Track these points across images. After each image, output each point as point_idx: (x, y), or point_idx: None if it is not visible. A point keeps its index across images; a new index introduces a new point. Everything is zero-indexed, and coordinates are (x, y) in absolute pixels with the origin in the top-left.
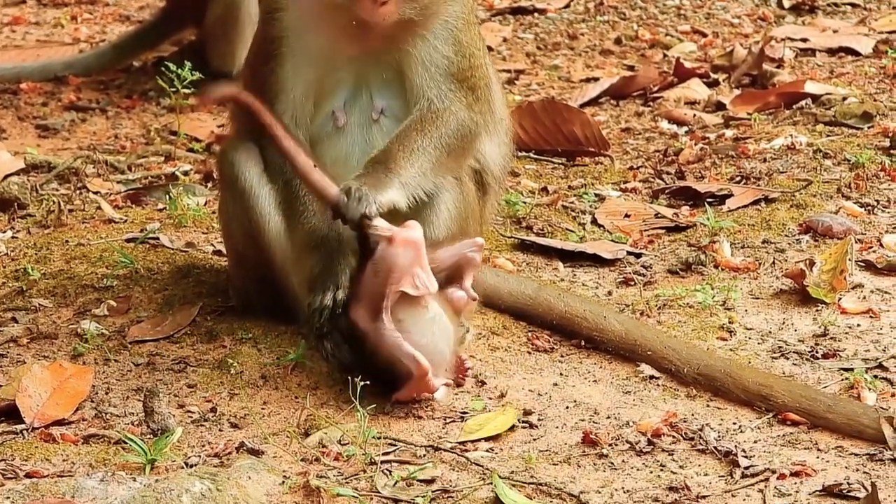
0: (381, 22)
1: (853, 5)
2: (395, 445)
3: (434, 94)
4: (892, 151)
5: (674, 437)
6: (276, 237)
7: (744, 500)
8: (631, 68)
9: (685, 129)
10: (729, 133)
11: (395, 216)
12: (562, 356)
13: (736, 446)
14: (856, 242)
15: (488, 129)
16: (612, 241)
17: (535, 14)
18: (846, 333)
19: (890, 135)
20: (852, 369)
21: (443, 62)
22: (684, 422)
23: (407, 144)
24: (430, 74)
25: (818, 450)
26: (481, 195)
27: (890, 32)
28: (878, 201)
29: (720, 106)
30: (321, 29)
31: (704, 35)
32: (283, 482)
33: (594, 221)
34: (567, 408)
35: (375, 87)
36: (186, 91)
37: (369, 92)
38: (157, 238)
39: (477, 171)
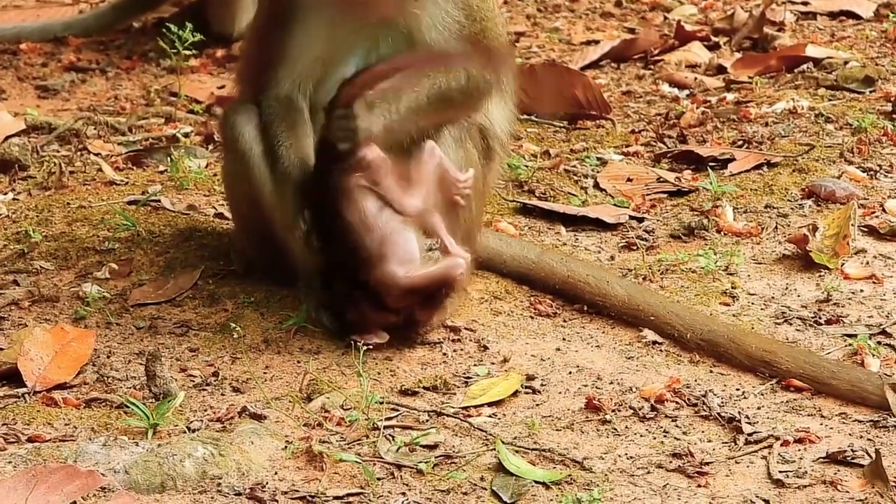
0: None
1: None
2: (398, 410)
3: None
4: (894, 116)
5: (677, 403)
6: (275, 199)
7: (747, 466)
8: (632, 31)
9: (686, 92)
10: (730, 97)
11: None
12: (564, 321)
13: (739, 413)
14: (858, 207)
15: (500, 89)
16: (615, 205)
17: None
18: (849, 299)
19: (892, 99)
20: (856, 335)
21: (454, 26)
22: (687, 388)
23: (415, 85)
24: (442, 38)
25: (822, 416)
26: (486, 161)
27: None
28: (880, 166)
29: (721, 69)
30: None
31: None
32: (286, 447)
33: (596, 185)
34: (570, 373)
35: (386, 54)
36: (187, 52)
37: (380, 58)
38: (159, 201)
39: (483, 134)
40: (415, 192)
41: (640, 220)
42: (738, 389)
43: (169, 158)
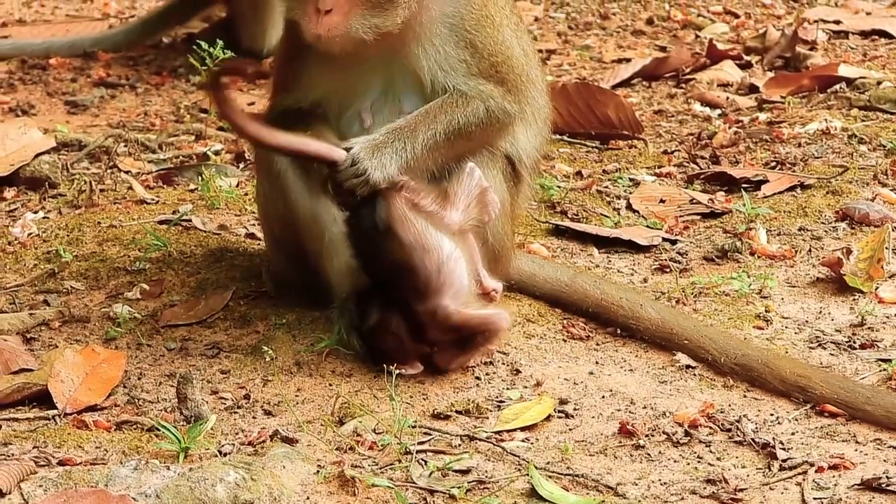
0: (327, 35)
1: None
2: (430, 435)
3: (463, 88)
4: None
5: (711, 428)
6: (310, 223)
7: (782, 493)
8: (663, 49)
9: (718, 111)
10: (763, 117)
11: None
12: (597, 344)
13: (773, 438)
14: (893, 230)
15: (524, 118)
16: (648, 226)
17: None
18: (884, 323)
19: None
20: (890, 360)
21: (460, 66)
22: (721, 413)
23: (431, 123)
24: (450, 77)
25: (856, 442)
26: (513, 185)
27: None
28: None
29: (753, 88)
30: None
31: (737, 16)
32: (318, 472)
33: (629, 206)
34: (603, 397)
35: (402, 89)
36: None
37: (396, 95)
38: (190, 220)
39: (510, 160)
40: (454, 208)
41: (673, 242)
42: (772, 415)
43: (199, 177)
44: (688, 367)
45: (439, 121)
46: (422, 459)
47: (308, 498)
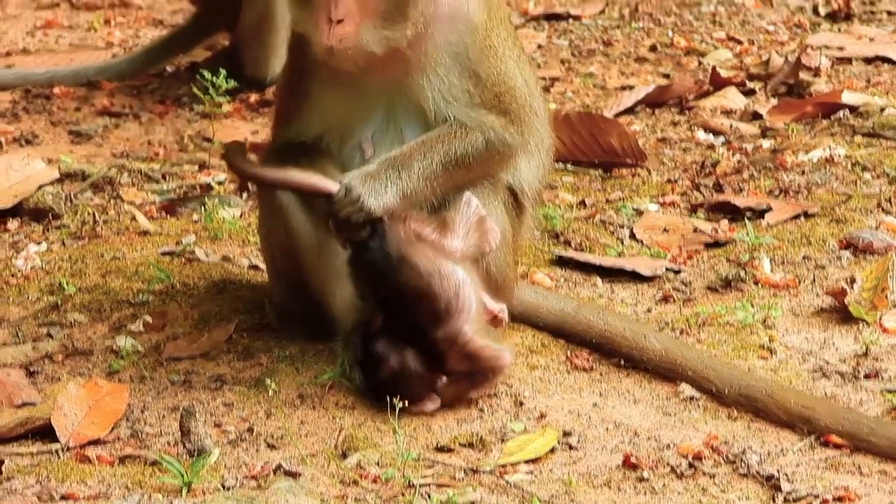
0: (338, 46)
1: (889, 13)
2: (433, 467)
3: (464, 119)
4: None
5: (715, 459)
6: (313, 255)
7: None
8: (666, 76)
9: (722, 139)
10: (766, 144)
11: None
12: (601, 375)
13: (778, 470)
14: None
15: (527, 149)
16: (651, 256)
17: (570, 20)
18: (888, 353)
19: None
20: (894, 390)
21: (463, 96)
22: (725, 444)
23: (427, 152)
24: (452, 108)
25: (861, 474)
26: (515, 215)
27: None
28: None
29: (757, 115)
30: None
31: (740, 42)
32: None
33: (632, 236)
34: (607, 429)
35: (403, 119)
36: (220, 98)
37: (398, 125)
38: (193, 251)
39: (512, 190)
40: (454, 236)
41: (677, 271)
42: (776, 446)
43: (203, 207)
44: (692, 398)
45: (436, 150)
46: (425, 493)
47: None
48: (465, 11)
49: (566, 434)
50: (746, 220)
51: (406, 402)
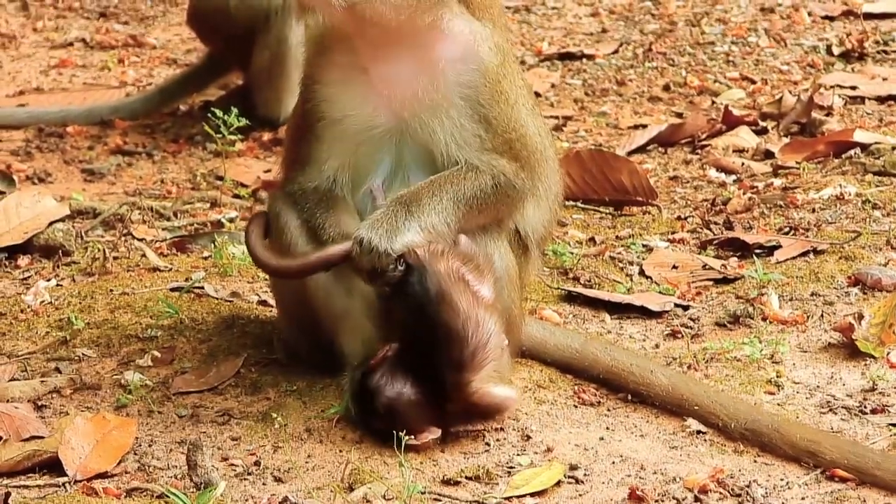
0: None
1: None
2: (439, 501)
3: (475, 162)
4: None
5: (721, 493)
6: (322, 292)
7: None
8: (679, 115)
9: (733, 177)
10: (777, 182)
11: None
12: (608, 410)
13: (783, 503)
14: None
15: (536, 194)
16: (660, 292)
17: (584, 60)
18: (895, 388)
19: None
20: None
21: (474, 140)
22: (731, 478)
23: (436, 191)
24: (464, 152)
25: None
26: (521, 255)
27: None
28: None
29: (769, 154)
30: (351, 100)
31: (753, 82)
32: None
33: (641, 272)
34: (613, 463)
35: (413, 166)
36: (233, 137)
37: (406, 171)
38: (202, 287)
39: (519, 234)
40: (486, 281)
41: (686, 307)
42: (782, 479)
43: (213, 244)
44: (698, 432)
45: (445, 189)
46: None
47: None
48: (477, 54)
49: (573, 468)
50: (755, 257)
51: (404, 432)
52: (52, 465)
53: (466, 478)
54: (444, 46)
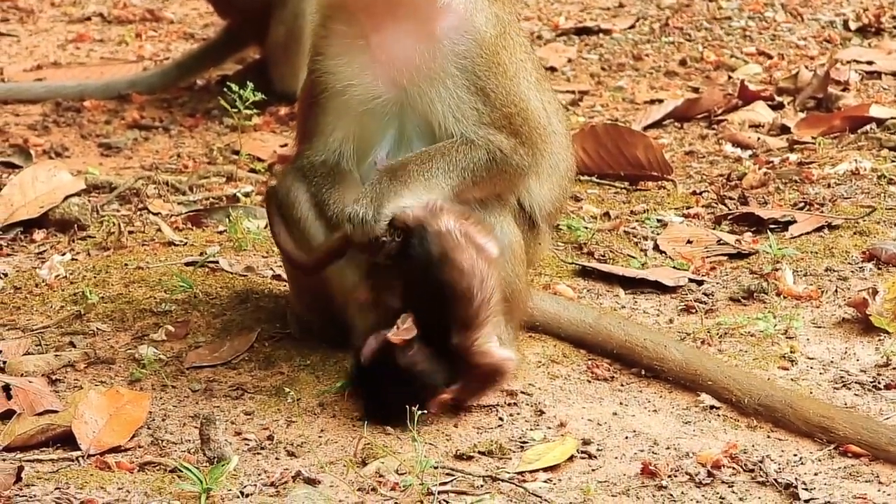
0: None
1: None
2: (452, 475)
3: (472, 137)
4: None
5: (734, 468)
6: (333, 267)
7: None
8: (696, 90)
9: (749, 152)
10: (793, 157)
11: None
12: (622, 385)
13: (796, 478)
14: None
15: (538, 171)
16: (674, 267)
17: (600, 34)
18: None
19: None
20: None
21: (472, 113)
22: (744, 453)
23: (426, 160)
24: (461, 124)
25: (879, 482)
26: (528, 230)
27: None
28: None
29: (785, 129)
30: (353, 71)
31: (770, 57)
32: None
33: (656, 247)
34: (626, 438)
35: (416, 138)
36: (249, 111)
37: (410, 144)
38: (217, 262)
39: (524, 209)
40: (491, 238)
41: (700, 282)
42: (795, 455)
43: (228, 219)
44: (712, 407)
45: (435, 160)
46: (444, 500)
47: None
48: (473, 23)
49: (585, 442)
50: (770, 232)
51: (416, 406)
52: (66, 440)
53: (479, 453)
54: (441, 16)
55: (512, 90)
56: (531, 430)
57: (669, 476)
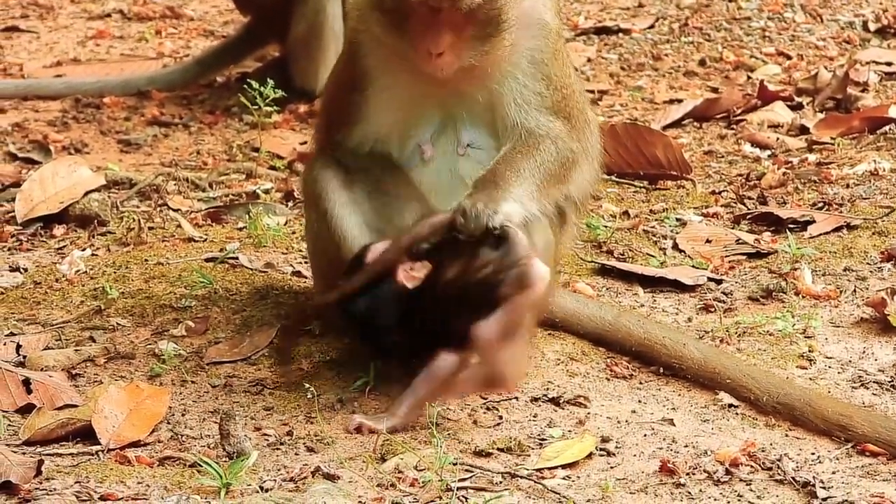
0: (440, 75)
1: None
2: (471, 472)
3: (532, 125)
4: None
5: (752, 466)
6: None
7: None
8: (715, 90)
9: (768, 152)
10: (812, 158)
11: None
12: (640, 383)
13: (814, 477)
14: None
15: (586, 155)
16: (693, 266)
17: (620, 34)
18: None
19: None
20: None
21: (535, 99)
22: (762, 451)
23: (513, 166)
24: (523, 111)
25: None
26: (557, 230)
27: None
28: None
29: (804, 130)
30: (406, 70)
31: (789, 57)
32: None
33: (675, 246)
34: (645, 436)
35: (462, 122)
36: (269, 108)
37: (455, 127)
38: (237, 258)
39: (558, 204)
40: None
41: (719, 281)
42: (813, 454)
43: (248, 215)
44: (730, 405)
45: (522, 165)
46: (463, 496)
47: None
48: (541, 16)
49: (604, 440)
50: (789, 232)
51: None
52: (86, 434)
53: (498, 449)
54: (515, 14)
55: (566, 73)
56: (550, 427)
57: (687, 474)
